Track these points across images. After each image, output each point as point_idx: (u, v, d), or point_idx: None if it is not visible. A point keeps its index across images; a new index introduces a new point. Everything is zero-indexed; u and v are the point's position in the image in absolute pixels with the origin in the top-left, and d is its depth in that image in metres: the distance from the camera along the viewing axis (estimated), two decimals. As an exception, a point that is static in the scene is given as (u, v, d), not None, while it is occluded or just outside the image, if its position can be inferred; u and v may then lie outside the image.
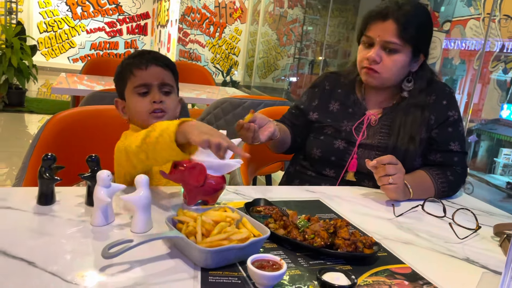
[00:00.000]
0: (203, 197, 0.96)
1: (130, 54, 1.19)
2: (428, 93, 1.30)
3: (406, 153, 1.24)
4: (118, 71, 1.18)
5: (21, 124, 5.06)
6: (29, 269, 0.65)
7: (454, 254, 0.88)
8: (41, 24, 9.02)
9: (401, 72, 1.28)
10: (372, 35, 1.26)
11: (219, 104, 2.32)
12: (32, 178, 1.17)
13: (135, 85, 1.12)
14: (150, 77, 1.12)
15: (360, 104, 1.35)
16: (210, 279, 0.68)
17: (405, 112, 1.28)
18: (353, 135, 1.30)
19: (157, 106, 1.11)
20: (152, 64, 1.13)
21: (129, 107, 1.15)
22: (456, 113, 1.30)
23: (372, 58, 1.25)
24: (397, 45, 1.23)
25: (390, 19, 1.23)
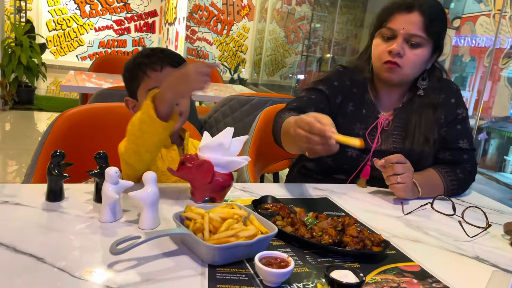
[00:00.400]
0: (210, 194, 0.96)
1: (141, 51, 1.16)
2: (438, 91, 1.28)
3: (421, 155, 1.23)
4: (129, 68, 1.14)
5: (31, 121, 5.11)
6: (38, 265, 0.66)
7: (463, 253, 0.87)
8: (50, 23, 9.09)
9: (420, 69, 1.23)
10: (395, 27, 1.18)
11: (227, 102, 2.32)
12: (41, 175, 1.18)
13: (149, 87, 1.09)
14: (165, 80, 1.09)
15: (374, 106, 1.29)
16: (218, 275, 0.68)
17: (418, 112, 1.25)
18: (367, 141, 1.25)
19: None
20: (167, 65, 1.10)
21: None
22: (465, 110, 1.29)
23: (396, 50, 1.17)
24: (421, 38, 1.17)
25: (416, 11, 1.16)
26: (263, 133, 1.66)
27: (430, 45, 1.20)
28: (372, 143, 1.25)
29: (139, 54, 1.14)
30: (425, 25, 1.16)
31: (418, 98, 1.27)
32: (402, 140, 1.25)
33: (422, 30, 1.17)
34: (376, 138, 1.26)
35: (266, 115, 1.71)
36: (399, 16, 1.18)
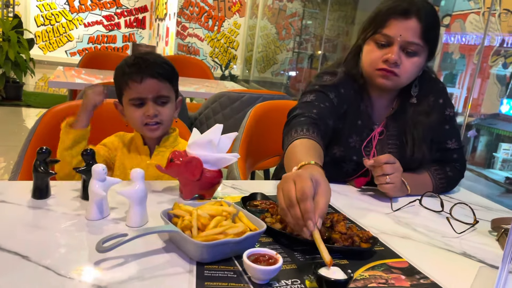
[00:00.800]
0: (199, 191, 0.96)
1: (128, 58, 1.16)
2: (427, 94, 1.25)
3: (422, 160, 1.21)
4: (116, 76, 1.17)
5: (19, 118, 5.05)
6: (23, 262, 0.65)
7: (451, 249, 0.88)
8: (38, 18, 8.97)
9: (415, 76, 1.19)
10: (391, 34, 1.11)
11: (217, 98, 2.31)
12: (27, 172, 1.16)
13: (130, 97, 1.13)
14: (144, 91, 1.11)
15: (369, 116, 1.24)
16: (206, 273, 0.67)
17: (413, 123, 1.21)
18: (363, 155, 1.20)
19: (150, 121, 1.12)
20: (147, 77, 1.11)
21: (126, 114, 1.17)
22: (452, 109, 1.27)
23: (393, 60, 1.11)
24: (419, 46, 1.12)
25: (414, 18, 1.10)
26: (253, 130, 1.66)
27: (426, 52, 1.16)
28: (367, 155, 1.21)
29: (124, 62, 1.15)
30: (423, 32, 1.11)
31: (411, 105, 1.23)
32: (398, 149, 1.22)
33: (419, 38, 1.11)
34: (372, 152, 1.22)
35: (256, 112, 1.71)
36: (395, 22, 1.11)
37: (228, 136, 0.98)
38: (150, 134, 1.15)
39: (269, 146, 1.77)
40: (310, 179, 0.75)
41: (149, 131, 1.14)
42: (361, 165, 1.18)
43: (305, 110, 1.14)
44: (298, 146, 1.01)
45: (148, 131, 1.14)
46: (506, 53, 3.61)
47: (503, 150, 3.74)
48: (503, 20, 3.59)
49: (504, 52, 3.61)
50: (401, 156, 1.17)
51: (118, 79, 1.16)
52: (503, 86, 3.69)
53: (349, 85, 1.23)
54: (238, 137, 1.61)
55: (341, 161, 1.21)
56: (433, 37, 1.15)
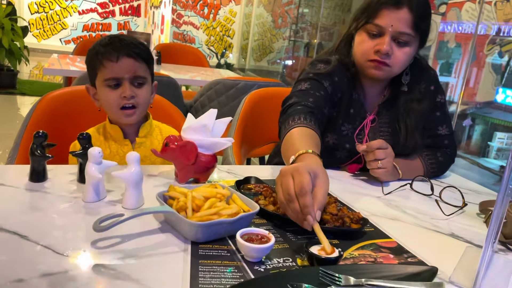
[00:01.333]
0: (194, 175, 0.98)
1: (101, 39, 1.12)
2: (418, 81, 1.26)
3: (415, 146, 1.23)
4: (88, 57, 1.12)
5: (13, 106, 5.03)
6: (22, 242, 0.66)
7: (439, 230, 0.90)
8: (32, 5, 8.87)
9: (406, 66, 1.20)
10: (383, 24, 1.12)
11: (212, 86, 2.32)
12: (24, 158, 1.18)
13: (105, 77, 1.08)
14: (121, 71, 1.07)
15: (361, 105, 1.25)
16: (200, 252, 0.69)
17: (406, 110, 1.23)
18: (356, 143, 1.21)
19: (127, 102, 1.08)
20: (123, 56, 1.07)
21: (100, 97, 1.12)
22: (443, 96, 1.29)
23: (385, 50, 1.12)
24: (410, 36, 1.13)
25: (405, 8, 1.11)
26: (249, 116, 1.67)
27: (417, 42, 1.17)
28: (360, 143, 1.22)
29: (98, 42, 1.11)
30: (414, 22, 1.11)
31: (402, 93, 1.24)
32: (390, 136, 1.24)
33: (411, 28, 1.12)
34: (364, 139, 1.24)
35: (251, 99, 1.72)
36: (387, 13, 1.12)
37: (222, 121, 1.00)
38: (126, 120, 1.11)
39: (264, 132, 1.79)
40: (308, 172, 0.76)
41: (125, 116, 1.09)
42: (354, 153, 1.21)
43: (301, 99, 1.15)
44: (296, 134, 1.02)
45: (124, 116, 1.09)
46: (501, 41, 3.61)
47: (498, 139, 3.77)
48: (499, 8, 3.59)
49: (500, 41, 3.62)
50: (394, 143, 1.19)
51: (91, 60, 1.10)
52: (499, 75, 3.71)
53: (343, 73, 1.23)
54: (233, 124, 1.62)
55: (334, 149, 1.23)
56: (424, 27, 1.15)
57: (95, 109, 1.28)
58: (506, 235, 0.87)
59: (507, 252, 0.84)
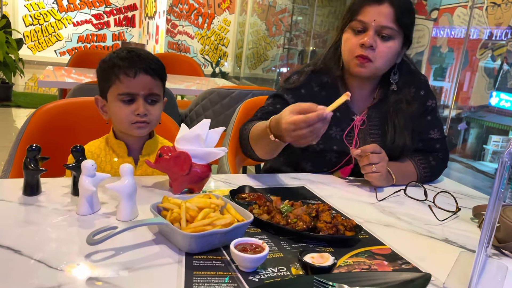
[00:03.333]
0: (188, 186, 0.98)
1: (118, 51, 1.09)
2: (407, 85, 1.28)
3: (404, 148, 1.24)
4: (103, 68, 1.09)
5: (9, 118, 5.01)
6: (15, 257, 0.66)
7: (433, 235, 0.90)
8: (26, 17, 8.90)
9: (391, 62, 1.22)
10: (366, 20, 1.16)
11: (207, 95, 2.33)
12: (18, 171, 1.17)
13: (120, 92, 1.05)
14: (137, 87, 1.05)
15: (347, 107, 1.26)
16: (195, 263, 0.69)
17: (394, 110, 1.25)
18: (345, 144, 1.23)
19: (140, 119, 1.06)
20: (141, 72, 1.05)
21: (110, 110, 1.10)
22: (434, 101, 1.30)
23: (368, 43, 1.15)
24: (393, 30, 1.16)
25: (386, 3, 1.15)
26: (243, 125, 1.68)
27: (401, 37, 1.19)
28: (350, 145, 1.24)
29: (115, 55, 1.08)
30: (396, 16, 1.15)
31: (392, 94, 1.26)
32: (381, 138, 1.25)
33: (393, 22, 1.15)
34: (354, 140, 1.25)
35: (245, 108, 1.72)
36: (369, 8, 1.16)
37: (216, 131, 1.00)
38: (137, 132, 1.09)
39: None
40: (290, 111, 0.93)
41: (137, 129, 1.08)
42: (344, 154, 1.22)
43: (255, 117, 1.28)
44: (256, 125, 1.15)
45: (136, 129, 1.08)
46: (493, 46, 3.65)
47: (493, 142, 3.79)
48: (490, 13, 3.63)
49: (492, 45, 3.65)
50: (383, 145, 1.19)
51: (106, 72, 1.08)
52: (492, 79, 3.74)
53: (316, 81, 1.26)
54: (228, 133, 1.63)
55: (324, 150, 1.24)
56: (406, 21, 1.18)
57: (90, 121, 1.28)
58: (500, 239, 0.87)
59: (500, 257, 0.84)
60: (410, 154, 1.27)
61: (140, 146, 1.14)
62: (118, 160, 1.12)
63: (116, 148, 1.12)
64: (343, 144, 1.23)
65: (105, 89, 1.09)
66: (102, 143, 1.14)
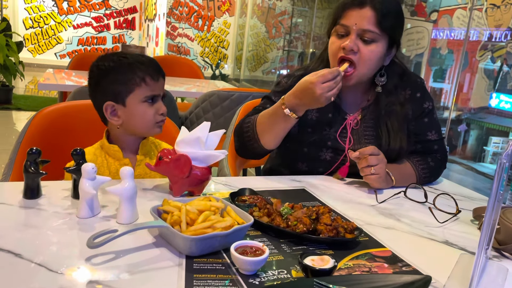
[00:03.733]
0: (189, 188, 0.98)
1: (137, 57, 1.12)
2: (402, 87, 1.28)
3: (400, 151, 1.24)
4: (122, 72, 1.08)
5: (9, 121, 5.02)
6: (15, 260, 0.66)
7: (433, 238, 0.91)
8: (26, 20, 8.91)
9: (376, 65, 1.22)
10: (348, 24, 1.16)
11: (207, 97, 2.33)
12: (19, 174, 1.18)
13: (146, 94, 1.10)
14: (159, 89, 1.13)
15: (339, 108, 1.27)
16: (195, 266, 0.69)
17: (387, 112, 1.25)
18: (339, 142, 1.24)
19: (163, 118, 1.14)
20: (160, 75, 1.14)
21: (131, 114, 1.10)
22: (430, 103, 1.30)
23: (349, 46, 1.15)
24: (375, 34, 1.15)
25: (368, 6, 1.15)
26: (243, 127, 1.68)
27: (385, 41, 1.19)
28: (344, 143, 1.25)
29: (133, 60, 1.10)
30: (377, 20, 1.15)
31: (383, 96, 1.26)
32: (375, 140, 1.26)
33: (374, 25, 1.15)
34: (347, 138, 1.25)
35: (246, 110, 1.72)
36: (351, 12, 1.17)
37: (216, 133, 1.00)
38: (159, 131, 1.15)
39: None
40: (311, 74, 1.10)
41: (159, 128, 1.14)
42: (338, 151, 1.24)
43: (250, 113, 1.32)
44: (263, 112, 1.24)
45: (158, 128, 1.14)
46: (493, 47, 3.65)
47: (493, 143, 3.78)
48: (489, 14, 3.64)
49: (492, 46, 3.66)
50: (378, 146, 1.19)
51: (126, 76, 1.08)
52: (492, 80, 3.74)
53: None
54: (228, 135, 1.63)
55: (318, 149, 1.25)
56: (389, 24, 1.17)
57: (91, 124, 1.28)
58: (500, 241, 0.87)
59: (501, 259, 0.84)
60: (408, 156, 1.27)
61: (135, 147, 1.17)
62: (115, 163, 1.13)
63: (111, 152, 1.13)
64: (337, 141, 1.25)
65: (125, 94, 1.09)
66: (98, 150, 1.15)
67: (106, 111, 1.10)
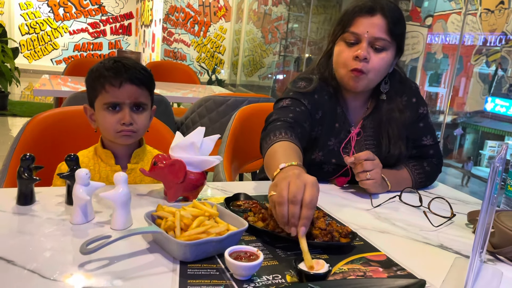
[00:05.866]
0: (183, 194, 0.98)
1: (105, 61, 1.10)
2: (400, 93, 1.28)
3: (399, 156, 1.24)
4: (90, 78, 1.10)
5: (4, 127, 5.00)
6: (8, 267, 0.66)
7: (428, 242, 0.91)
8: (22, 26, 8.91)
9: (384, 73, 1.21)
10: (358, 32, 1.15)
11: (203, 102, 2.33)
12: (12, 180, 1.17)
13: (105, 101, 1.07)
14: (122, 96, 1.06)
15: (345, 118, 1.26)
16: (189, 271, 0.69)
17: (388, 119, 1.25)
18: (342, 156, 1.21)
19: (126, 128, 1.07)
20: (126, 82, 1.06)
21: (97, 119, 1.11)
22: (425, 108, 1.31)
23: (363, 55, 1.13)
24: (386, 42, 1.15)
25: (378, 14, 1.15)
26: (239, 132, 1.68)
27: (394, 48, 1.19)
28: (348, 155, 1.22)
29: (101, 64, 1.09)
30: (388, 27, 1.15)
31: (383, 103, 1.26)
32: (376, 148, 1.25)
33: (386, 33, 1.15)
34: (351, 152, 1.25)
35: (241, 115, 1.73)
36: (362, 20, 1.15)
37: (211, 138, 1.00)
38: (123, 141, 1.09)
39: (255, 147, 1.79)
40: (304, 184, 0.78)
41: (122, 138, 1.08)
42: (341, 166, 1.22)
43: (281, 115, 1.16)
44: (278, 148, 1.02)
45: (121, 137, 1.08)
46: (488, 51, 3.68)
47: (489, 147, 3.80)
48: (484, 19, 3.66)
49: (486, 51, 3.68)
50: (379, 154, 1.19)
51: (93, 82, 1.09)
52: (486, 84, 3.76)
53: (324, 89, 1.25)
54: (224, 140, 1.63)
55: (321, 163, 1.24)
56: (399, 32, 1.18)
57: (85, 130, 1.28)
58: (495, 245, 0.87)
59: (496, 262, 0.84)
60: (404, 161, 1.27)
61: (128, 154, 1.15)
62: (106, 168, 1.12)
63: (104, 157, 1.13)
64: (340, 157, 1.22)
65: (92, 98, 1.11)
66: (91, 153, 1.15)
67: (86, 114, 1.15)
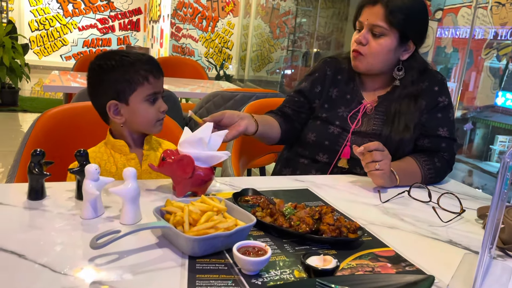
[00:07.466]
0: (192, 189, 0.98)
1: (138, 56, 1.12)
2: (421, 80, 1.33)
3: (400, 142, 1.27)
4: (125, 72, 1.09)
5: (15, 123, 5.06)
6: (19, 261, 0.67)
7: (437, 237, 0.90)
8: (32, 23, 8.98)
9: (387, 58, 1.30)
10: (362, 20, 1.30)
11: (211, 98, 2.33)
12: (23, 175, 1.18)
13: (148, 93, 1.11)
14: (160, 87, 1.15)
15: (357, 92, 1.38)
16: (198, 266, 0.70)
17: (399, 102, 1.31)
18: (348, 122, 1.34)
19: (163, 116, 1.15)
20: (161, 74, 1.15)
21: (134, 112, 1.11)
22: (447, 99, 1.32)
23: (358, 40, 1.29)
24: (383, 28, 1.26)
25: (379, 4, 1.27)
26: (247, 128, 1.68)
27: (395, 35, 1.27)
28: (352, 124, 1.33)
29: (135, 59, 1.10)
30: (386, 16, 1.25)
31: (400, 89, 1.33)
32: (382, 125, 1.31)
33: (383, 21, 1.26)
34: (356, 120, 1.34)
35: (249, 110, 1.73)
36: (365, 9, 1.30)
37: (219, 134, 1.01)
38: (159, 129, 1.16)
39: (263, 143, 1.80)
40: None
41: (160, 126, 1.15)
42: (346, 130, 1.34)
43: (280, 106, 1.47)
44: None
45: (159, 126, 1.15)
46: (498, 45, 3.63)
47: (500, 142, 3.76)
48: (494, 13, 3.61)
49: (497, 44, 3.63)
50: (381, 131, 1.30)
51: (130, 75, 1.09)
52: (497, 79, 3.71)
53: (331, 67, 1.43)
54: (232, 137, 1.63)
55: (328, 123, 1.36)
56: (398, 20, 1.26)
57: (94, 125, 1.29)
58: (505, 240, 0.86)
59: (505, 258, 0.84)
60: (415, 155, 1.27)
61: (140, 143, 1.18)
62: (122, 158, 1.14)
63: (118, 147, 1.14)
64: (346, 122, 1.34)
65: (127, 92, 1.10)
66: (102, 148, 1.16)
67: (109, 110, 1.11)
